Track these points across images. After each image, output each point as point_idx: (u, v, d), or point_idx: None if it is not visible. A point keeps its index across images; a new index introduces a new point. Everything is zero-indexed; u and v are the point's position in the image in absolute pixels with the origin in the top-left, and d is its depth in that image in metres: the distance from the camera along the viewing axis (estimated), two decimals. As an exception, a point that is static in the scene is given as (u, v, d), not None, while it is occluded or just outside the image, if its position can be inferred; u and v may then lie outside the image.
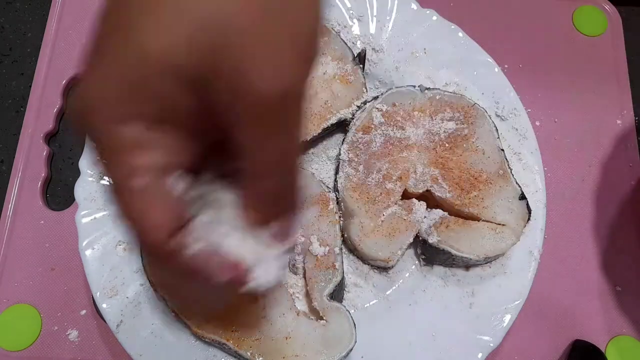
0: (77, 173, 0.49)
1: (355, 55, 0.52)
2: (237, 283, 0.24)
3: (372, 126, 0.49)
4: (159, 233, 0.23)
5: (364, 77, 0.52)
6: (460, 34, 0.55)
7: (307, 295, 0.46)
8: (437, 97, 0.50)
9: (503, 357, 0.51)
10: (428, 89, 0.51)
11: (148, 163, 0.23)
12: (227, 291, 0.25)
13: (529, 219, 0.47)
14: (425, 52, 0.55)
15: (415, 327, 0.46)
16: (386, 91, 0.50)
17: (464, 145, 0.49)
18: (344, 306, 0.45)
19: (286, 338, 0.43)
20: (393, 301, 0.48)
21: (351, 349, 0.43)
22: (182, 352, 0.44)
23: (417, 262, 0.49)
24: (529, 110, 0.56)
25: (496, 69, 0.54)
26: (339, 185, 0.48)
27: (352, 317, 0.44)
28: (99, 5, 0.24)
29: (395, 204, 0.47)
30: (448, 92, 0.51)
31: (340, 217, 0.48)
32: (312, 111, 0.49)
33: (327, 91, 0.50)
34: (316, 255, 0.45)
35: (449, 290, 0.48)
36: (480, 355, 0.45)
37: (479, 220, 0.47)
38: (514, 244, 0.46)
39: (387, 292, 0.48)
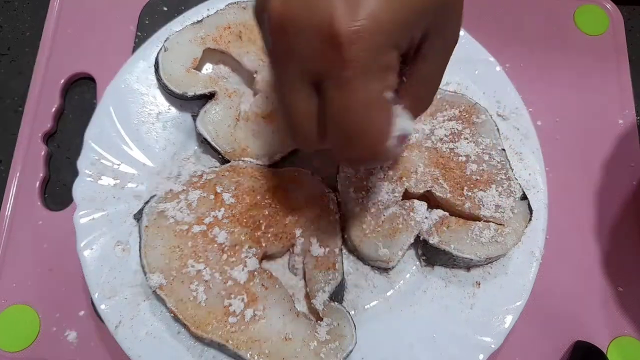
0: (75, 173, 0.49)
1: (356, 54, 0.51)
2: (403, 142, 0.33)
3: (373, 126, 0.48)
4: (389, 133, 0.30)
5: (364, 77, 0.51)
6: (461, 33, 0.55)
7: (307, 296, 0.45)
8: (438, 97, 0.50)
9: (504, 358, 0.50)
10: (429, 88, 0.50)
11: (393, 82, 0.29)
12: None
13: (530, 219, 0.47)
14: (425, 51, 0.55)
15: (416, 328, 0.46)
16: (386, 90, 0.50)
17: (465, 145, 0.48)
18: (344, 307, 0.44)
19: (285, 339, 0.42)
20: (394, 302, 0.48)
21: (351, 350, 0.43)
22: (181, 353, 0.44)
23: (417, 262, 0.49)
24: (531, 109, 0.55)
25: (497, 68, 0.54)
26: (339, 185, 0.48)
27: (352, 318, 0.44)
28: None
29: (396, 204, 0.47)
30: (449, 91, 0.51)
31: (340, 217, 0.47)
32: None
33: (327, 90, 0.50)
34: (316, 256, 0.45)
35: (450, 291, 0.47)
36: (481, 356, 0.45)
37: (480, 221, 0.47)
38: (515, 244, 0.46)
39: (388, 293, 0.48)
